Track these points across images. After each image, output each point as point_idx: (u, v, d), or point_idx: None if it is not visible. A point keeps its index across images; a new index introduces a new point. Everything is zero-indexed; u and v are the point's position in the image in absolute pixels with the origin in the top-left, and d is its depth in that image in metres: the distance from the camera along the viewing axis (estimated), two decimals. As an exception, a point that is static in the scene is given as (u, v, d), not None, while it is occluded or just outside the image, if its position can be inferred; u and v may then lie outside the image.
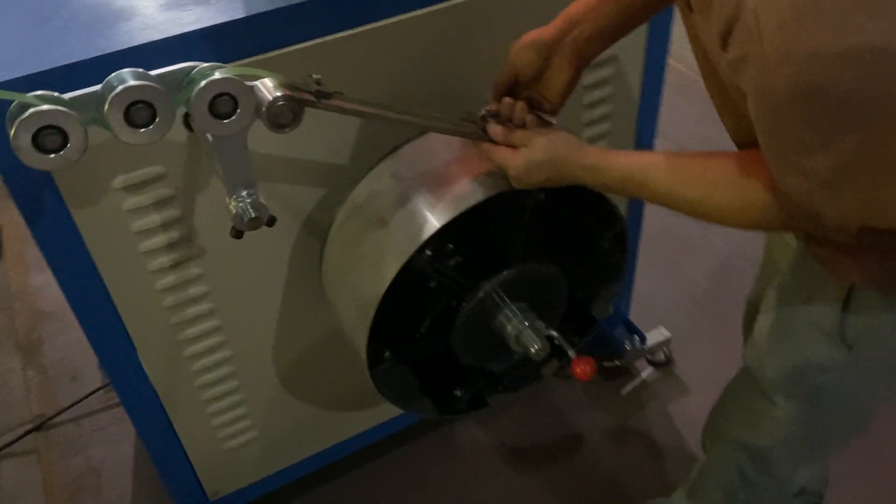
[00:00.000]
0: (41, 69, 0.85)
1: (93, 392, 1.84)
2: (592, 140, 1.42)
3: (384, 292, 1.02)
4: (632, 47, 1.33)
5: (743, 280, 1.41)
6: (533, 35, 0.98)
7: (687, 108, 2.42)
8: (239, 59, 0.97)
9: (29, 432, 1.83)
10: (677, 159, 0.87)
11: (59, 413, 1.85)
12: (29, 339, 2.06)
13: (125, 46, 0.90)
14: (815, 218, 0.72)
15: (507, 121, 1.00)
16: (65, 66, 0.85)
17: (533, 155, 0.94)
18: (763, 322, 1.03)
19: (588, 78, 1.32)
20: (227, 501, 1.52)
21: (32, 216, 1.00)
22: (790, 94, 0.61)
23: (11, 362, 2.02)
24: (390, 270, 1.02)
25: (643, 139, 1.50)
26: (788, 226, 0.81)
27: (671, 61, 1.42)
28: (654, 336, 1.86)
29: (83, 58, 0.87)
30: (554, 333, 1.12)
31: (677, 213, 0.88)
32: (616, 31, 0.99)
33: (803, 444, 1.07)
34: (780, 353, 1.00)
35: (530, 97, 1.02)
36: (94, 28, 0.97)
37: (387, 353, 1.11)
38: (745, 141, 0.86)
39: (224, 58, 0.95)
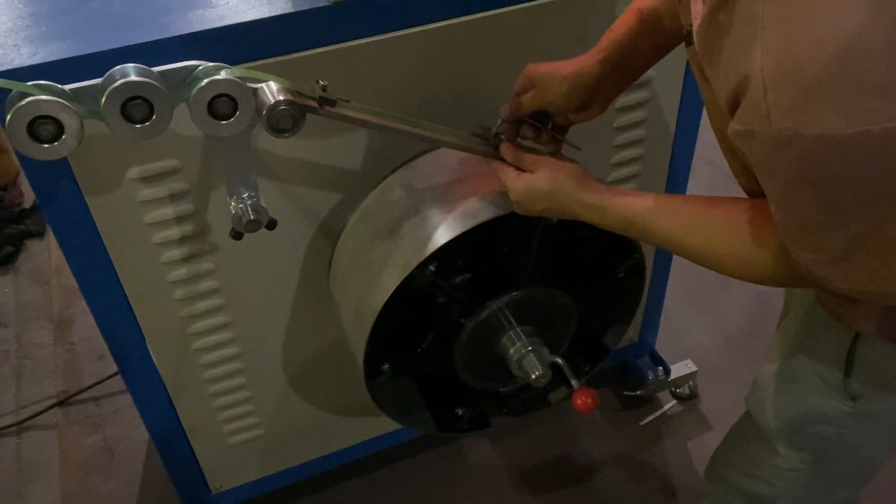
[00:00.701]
0: (50, 59, 0.86)
1: (116, 373, 1.86)
2: (622, 165, 1.38)
3: (384, 304, 1.01)
4: (669, 69, 1.28)
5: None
6: (572, 71, 0.92)
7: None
8: (253, 60, 0.96)
9: (52, 407, 1.87)
10: (683, 205, 0.84)
11: (81, 391, 1.89)
12: (62, 316, 2.11)
13: (142, 41, 0.91)
14: (824, 285, 0.69)
15: (517, 139, 0.98)
16: (71, 58, 0.86)
17: (534, 182, 0.91)
18: (767, 366, 0.99)
19: (621, 101, 1.27)
20: (229, 496, 1.52)
21: (48, 200, 1.01)
22: (799, 176, 0.59)
23: (44, 337, 2.07)
24: (391, 283, 1.01)
25: (678, 165, 1.45)
26: (796, 284, 0.78)
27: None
28: (679, 369, 1.80)
29: (96, 50, 0.88)
30: (559, 361, 1.09)
31: None
32: (649, 65, 0.98)
33: (805, 495, 1.03)
34: (782, 400, 0.97)
35: (546, 115, 0.99)
36: (121, 19, 0.98)
37: (385, 366, 1.09)
38: (746, 184, 0.82)
39: (242, 58, 0.94)
